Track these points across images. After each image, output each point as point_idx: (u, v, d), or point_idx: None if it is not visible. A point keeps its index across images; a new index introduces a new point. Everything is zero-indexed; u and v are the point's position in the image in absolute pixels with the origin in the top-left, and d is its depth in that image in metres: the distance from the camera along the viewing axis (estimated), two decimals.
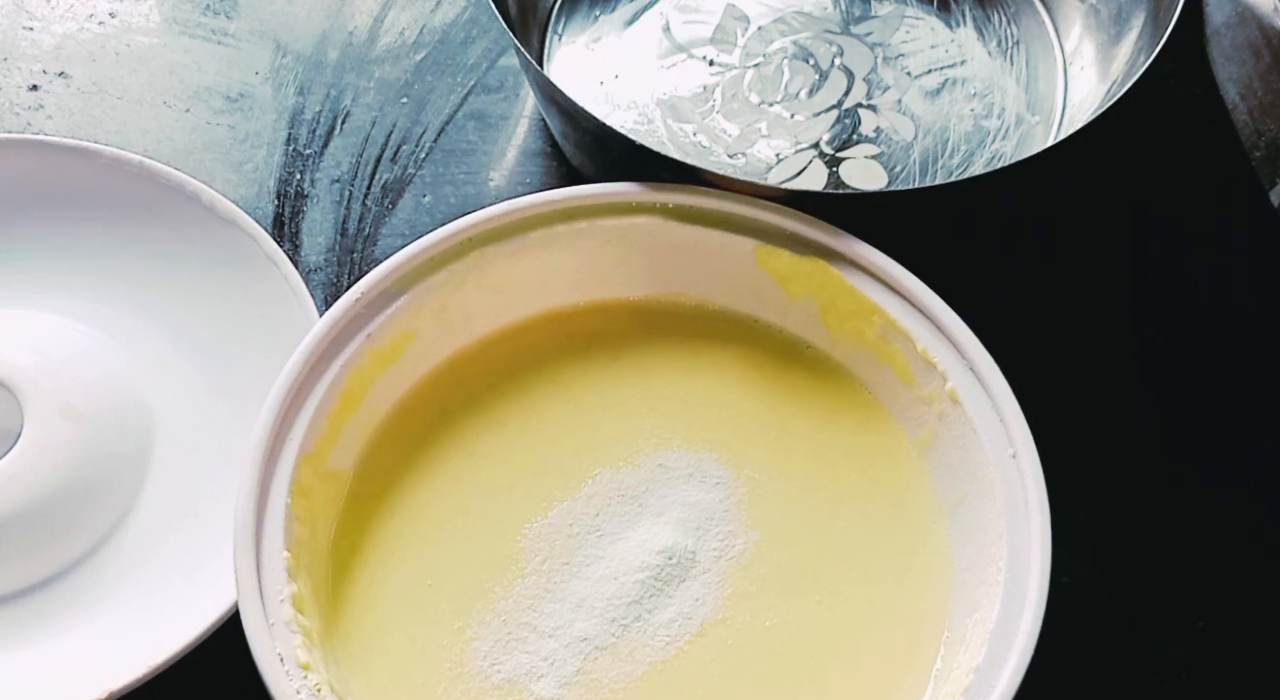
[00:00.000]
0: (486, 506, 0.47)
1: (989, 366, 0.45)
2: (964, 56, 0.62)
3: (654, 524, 0.46)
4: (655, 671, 0.43)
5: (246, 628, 0.40)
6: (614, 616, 0.44)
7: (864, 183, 0.58)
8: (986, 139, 0.60)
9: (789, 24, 0.63)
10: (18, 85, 0.62)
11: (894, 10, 0.64)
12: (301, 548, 0.43)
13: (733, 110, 0.60)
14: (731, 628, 0.44)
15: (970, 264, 0.55)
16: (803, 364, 0.50)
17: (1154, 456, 0.53)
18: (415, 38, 0.65)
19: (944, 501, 0.47)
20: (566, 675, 0.43)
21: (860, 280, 0.48)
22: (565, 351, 0.50)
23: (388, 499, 0.47)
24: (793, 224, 0.49)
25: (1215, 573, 0.50)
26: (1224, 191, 0.59)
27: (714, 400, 0.49)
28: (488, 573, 0.45)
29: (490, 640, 0.44)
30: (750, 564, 0.46)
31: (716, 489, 0.47)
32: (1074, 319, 0.57)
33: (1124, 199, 0.60)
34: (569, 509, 0.47)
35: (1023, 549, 0.42)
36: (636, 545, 0.46)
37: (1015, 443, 0.44)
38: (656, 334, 0.51)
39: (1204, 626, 0.49)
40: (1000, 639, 0.40)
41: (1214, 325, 0.56)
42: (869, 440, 0.49)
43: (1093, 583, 0.49)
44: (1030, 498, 0.43)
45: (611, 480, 0.47)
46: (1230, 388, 0.55)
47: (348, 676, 0.43)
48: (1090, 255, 0.58)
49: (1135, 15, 0.58)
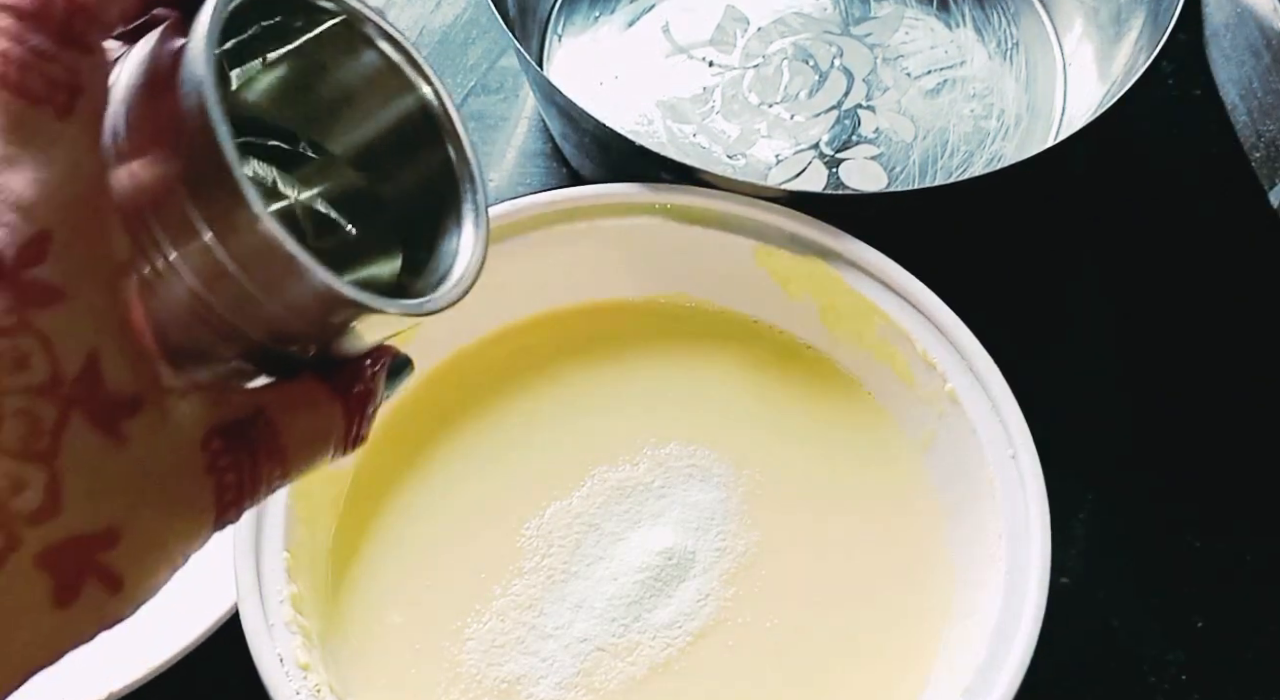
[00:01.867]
0: (486, 506, 0.47)
1: (988, 367, 0.45)
2: (963, 57, 0.62)
3: (654, 524, 0.46)
4: (656, 673, 0.43)
5: (246, 628, 0.40)
6: (614, 617, 0.44)
7: (864, 183, 0.58)
8: (986, 140, 0.60)
9: (788, 25, 0.63)
10: None
11: (893, 11, 0.64)
12: (301, 548, 0.43)
13: (732, 111, 0.60)
14: (732, 629, 0.44)
15: (970, 264, 0.55)
16: (803, 364, 0.50)
17: (1154, 457, 0.53)
18: (415, 39, 0.65)
19: (944, 502, 0.47)
20: (566, 676, 0.43)
21: (860, 281, 0.48)
22: (565, 351, 0.50)
23: (387, 499, 0.47)
24: (792, 225, 0.49)
25: (1215, 572, 0.50)
26: (1224, 191, 0.59)
27: (714, 400, 0.49)
28: (487, 573, 0.45)
29: (489, 641, 0.44)
30: (751, 564, 0.46)
31: (718, 489, 0.47)
32: (1073, 319, 0.57)
33: (1124, 199, 0.60)
34: (568, 509, 0.47)
35: (1023, 549, 0.42)
36: (636, 545, 0.46)
37: (1015, 443, 0.44)
38: (656, 334, 0.51)
39: (1204, 626, 0.49)
40: (1000, 639, 0.40)
41: (1214, 325, 0.56)
42: (869, 440, 0.49)
43: (1093, 583, 0.49)
44: (1030, 498, 0.43)
45: (611, 480, 0.47)
46: (1230, 387, 0.55)
47: (348, 677, 0.43)
48: (1090, 256, 0.58)
49: (1135, 16, 0.58)
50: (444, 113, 0.28)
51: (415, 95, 0.28)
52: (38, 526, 0.22)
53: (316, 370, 0.27)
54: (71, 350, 0.22)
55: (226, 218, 0.23)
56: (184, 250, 0.23)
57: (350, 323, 0.25)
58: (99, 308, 0.23)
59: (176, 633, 0.44)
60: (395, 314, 0.25)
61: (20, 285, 0.22)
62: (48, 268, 0.22)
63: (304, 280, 0.23)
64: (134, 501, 0.23)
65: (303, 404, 0.26)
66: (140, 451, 0.23)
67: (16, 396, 0.22)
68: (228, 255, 0.23)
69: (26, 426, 0.22)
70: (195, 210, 0.23)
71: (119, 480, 0.23)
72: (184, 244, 0.23)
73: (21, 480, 0.22)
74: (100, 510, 0.23)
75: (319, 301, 0.24)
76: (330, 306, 0.24)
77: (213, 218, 0.23)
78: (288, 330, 0.24)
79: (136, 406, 0.23)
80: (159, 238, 0.23)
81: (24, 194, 0.22)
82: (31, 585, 0.22)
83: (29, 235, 0.22)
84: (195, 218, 0.23)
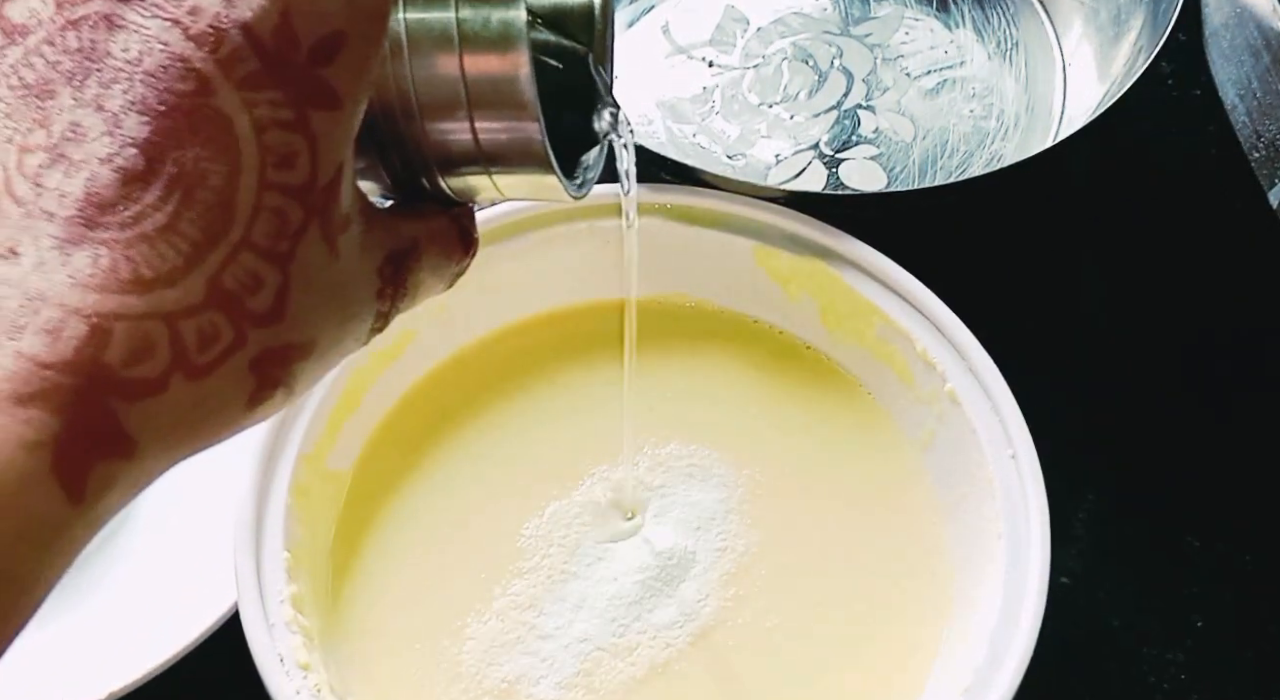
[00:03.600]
0: (485, 506, 0.47)
1: (988, 367, 0.45)
2: (963, 57, 0.62)
3: (655, 524, 0.46)
4: (656, 673, 0.43)
5: (246, 628, 0.40)
6: (614, 617, 0.44)
7: (863, 183, 0.58)
8: (985, 140, 0.60)
9: (788, 25, 0.63)
10: None
11: (893, 11, 0.64)
12: (301, 548, 0.43)
13: (732, 111, 0.60)
14: (733, 629, 0.44)
15: (970, 264, 0.55)
16: (802, 364, 0.50)
17: (1154, 456, 0.53)
18: None
19: (943, 502, 0.47)
20: (566, 676, 0.43)
21: (859, 281, 0.48)
22: (565, 351, 0.50)
23: (387, 499, 0.47)
24: (792, 225, 0.49)
25: (1215, 573, 0.50)
26: (1224, 191, 0.59)
27: (714, 400, 0.49)
28: (487, 573, 0.45)
29: (489, 640, 0.44)
30: (752, 565, 0.46)
31: (718, 489, 0.47)
32: (1073, 320, 0.57)
33: (1124, 199, 0.60)
34: (568, 508, 0.47)
35: (1022, 549, 0.42)
36: (637, 545, 0.46)
37: (1014, 443, 0.44)
38: (656, 334, 0.51)
39: (1204, 626, 0.49)
40: (1000, 639, 0.40)
41: (1214, 325, 0.56)
42: (869, 440, 0.49)
43: (1093, 583, 0.49)
44: (1030, 498, 0.43)
45: (611, 480, 0.47)
46: (1231, 387, 0.55)
47: (348, 676, 0.43)
48: (1090, 256, 0.58)
49: (1134, 16, 0.58)
50: (603, 15, 0.30)
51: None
52: (261, 330, 0.22)
53: (440, 203, 0.28)
54: (329, 158, 0.22)
55: (493, 50, 0.24)
56: (433, 68, 0.24)
57: (518, 172, 0.27)
58: (355, 122, 0.23)
59: (176, 633, 0.44)
60: (560, 188, 0.27)
61: (307, 81, 0.21)
62: (334, 70, 0.22)
63: (524, 125, 0.25)
64: (328, 316, 0.23)
65: (439, 239, 0.27)
66: (343, 270, 0.23)
67: (276, 193, 0.21)
68: (472, 80, 0.24)
69: (276, 225, 0.21)
70: (462, 31, 0.24)
71: (325, 294, 0.23)
72: (436, 62, 0.24)
73: (260, 279, 0.21)
74: (308, 322, 0.23)
75: (520, 144, 0.25)
76: (526, 154, 0.26)
77: (479, 48, 0.24)
78: (467, 158, 0.26)
79: (347, 224, 0.23)
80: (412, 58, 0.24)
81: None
82: (240, 385, 0.22)
83: (325, 33, 0.22)
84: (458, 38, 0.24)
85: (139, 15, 0.21)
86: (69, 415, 0.20)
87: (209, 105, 0.21)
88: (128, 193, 0.20)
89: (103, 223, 0.20)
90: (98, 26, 0.21)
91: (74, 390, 0.20)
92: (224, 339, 0.21)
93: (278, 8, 0.21)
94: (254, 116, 0.21)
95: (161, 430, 0.21)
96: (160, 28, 0.21)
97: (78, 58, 0.21)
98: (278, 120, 0.21)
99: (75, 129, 0.21)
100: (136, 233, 0.20)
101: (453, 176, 0.27)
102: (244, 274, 0.21)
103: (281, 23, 0.21)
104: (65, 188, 0.20)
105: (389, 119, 0.25)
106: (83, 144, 0.20)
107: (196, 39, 0.21)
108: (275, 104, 0.21)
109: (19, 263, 0.20)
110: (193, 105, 0.21)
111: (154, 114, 0.20)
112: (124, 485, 0.21)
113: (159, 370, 0.20)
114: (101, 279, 0.20)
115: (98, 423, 0.20)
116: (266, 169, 0.21)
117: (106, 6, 0.21)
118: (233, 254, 0.21)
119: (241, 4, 0.21)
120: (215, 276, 0.21)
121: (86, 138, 0.20)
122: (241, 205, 0.21)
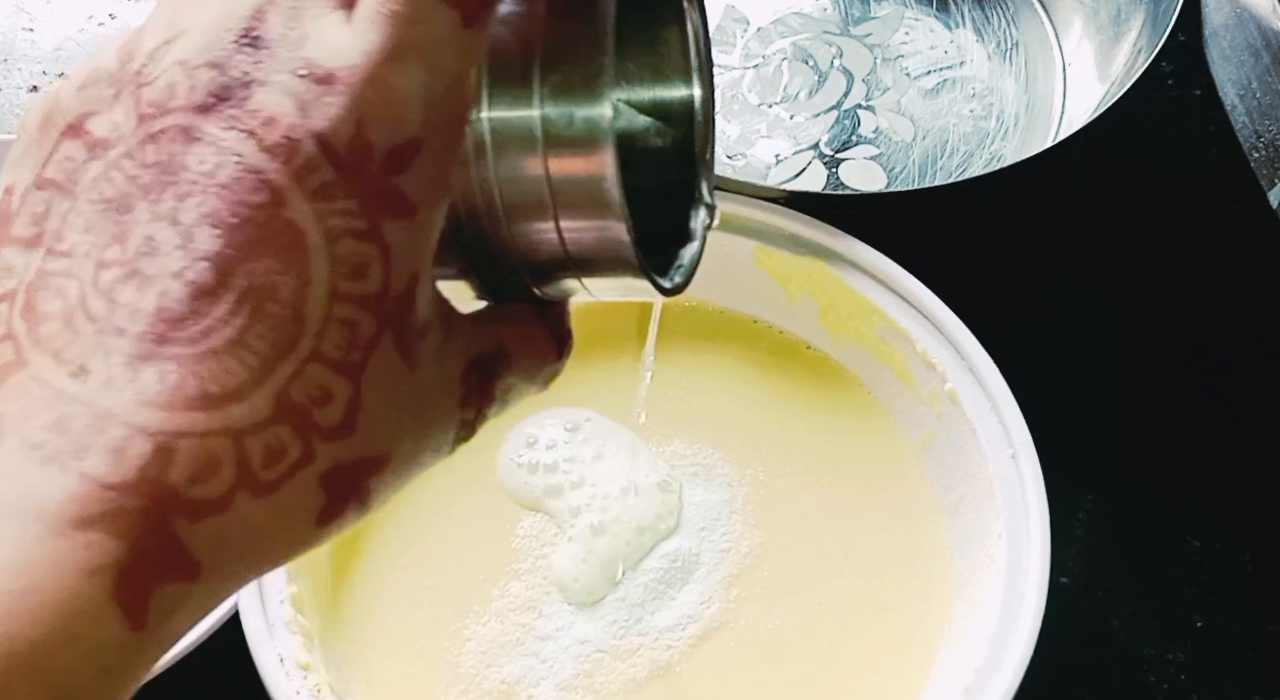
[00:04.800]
0: (486, 506, 0.47)
1: (988, 367, 0.45)
2: (963, 57, 0.62)
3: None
4: (657, 674, 0.43)
5: (246, 628, 0.40)
6: (615, 619, 0.44)
7: (863, 183, 0.58)
8: (985, 140, 0.60)
9: (788, 25, 0.63)
10: (17, 86, 0.62)
11: (893, 11, 0.64)
12: None
13: (732, 111, 0.60)
14: (735, 630, 0.44)
15: (970, 264, 0.55)
16: (803, 364, 0.50)
17: (1153, 456, 0.53)
18: None
19: (943, 502, 0.47)
20: (566, 677, 0.43)
21: (859, 281, 0.48)
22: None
23: None
24: (792, 225, 0.49)
25: (1215, 573, 0.50)
26: (1223, 191, 0.59)
27: (715, 400, 0.49)
28: (485, 573, 0.45)
29: (488, 641, 0.44)
30: (755, 566, 0.45)
31: (722, 489, 0.47)
32: (1073, 320, 0.57)
33: (1124, 199, 0.60)
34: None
35: (1022, 549, 0.42)
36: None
37: (1014, 443, 0.44)
38: (657, 334, 0.51)
39: (1204, 626, 0.49)
40: (1000, 639, 0.40)
41: (1214, 325, 0.56)
42: (869, 440, 0.49)
43: (1093, 583, 0.49)
44: (1030, 498, 0.43)
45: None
46: (1231, 387, 0.55)
47: (348, 677, 0.43)
48: (1089, 256, 0.58)
49: (1134, 16, 0.58)
50: (704, 112, 0.29)
51: (688, 91, 0.29)
52: (331, 443, 0.21)
53: (529, 303, 0.26)
54: (403, 267, 0.22)
55: (579, 151, 0.23)
56: (517, 176, 0.24)
57: (608, 275, 0.26)
58: (433, 229, 0.22)
59: None
60: (650, 285, 0.25)
61: (380, 190, 0.21)
62: (409, 178, 0.21)
63: (611, 225, 0.24)
64: (404, 428, 0.23)
65: (527, 341, 0.26)
66: (421, 379, 0.23)
67: (347, 304, 0.21)
68: (558, 188, 0.24)
69: (347, 337, 0.21)
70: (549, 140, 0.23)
71: (400, 405, 0.22)
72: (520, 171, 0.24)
73: (329, 392, 0.21)
74: (382, 435, 0.22)
75: (608, 247, 0.24)
76: (614, 258, 0.25)
77: (564, 149, 0.23)
78: (556, 260, 0.25)
79: (425, 333, 0.23)
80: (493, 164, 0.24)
81: (408, 95, 0.21)
82: (308, 501, 0.21)
83: (401, 140, 0.21)
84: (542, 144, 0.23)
85: (216, 127, 0.21)
86: (131, 538, 0.19)
87: (280, 217, 0.20)
88: (197, 307, 0.20)
89: (172, 338, 0.20)
90: (176, 140, 0.21)
91: (137, 512, 0.19)
92: (291, 454, 0.21)
93: (354, 116, 0.21)
94: (326, 227, 0.21)
95: (227, 550, 0.20)
96: (236, 139, 0.21)
97: (155, 171, 0.21)
98: (350, 230, 0.21)
99: (150, 243, 0.20)
100: (205, 348, 0.20)
101: (543, 280, 0.26)
102: (312, 387, 0.21)
103: (356, 132, 0.21)
104: (138, 303, 0.20)
105: (474, 221, 0.24)
106: (156, 258, 0.20)
107: (270, 150, 0.20)
108: (348, 214, 0.21)
109: (88, 381, 0.20)
110: (265, 217, 0.20)
111: (226, 227, 0.20)
112: (188, 608, 0.20)
113: (223, 489, 0.20)
114: (168, 396, 0.20)
115: (160, 545, 0.20)
116: (338, 280, 0.21)
117: (186, 119, 0.21)
118: (301, 367, 0.21)
119: (317, 114, 0.21)
120: (283, 390, 0.21)
121: (160, 252, 0.20)
122: (311, 317, 0.21)
